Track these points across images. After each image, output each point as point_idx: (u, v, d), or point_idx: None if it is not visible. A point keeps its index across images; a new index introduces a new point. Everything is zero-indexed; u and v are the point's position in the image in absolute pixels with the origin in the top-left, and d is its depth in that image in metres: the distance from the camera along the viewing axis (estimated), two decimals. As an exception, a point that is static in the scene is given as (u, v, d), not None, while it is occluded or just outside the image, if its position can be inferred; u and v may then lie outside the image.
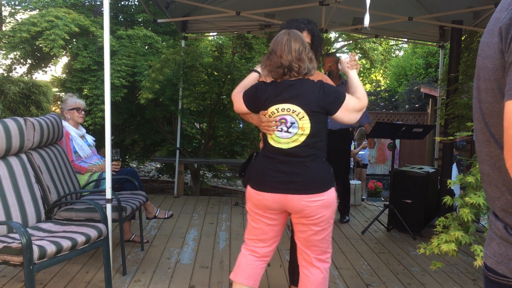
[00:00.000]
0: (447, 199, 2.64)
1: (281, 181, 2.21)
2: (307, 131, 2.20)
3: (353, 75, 2.40)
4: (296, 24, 2.60)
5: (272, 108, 2.24)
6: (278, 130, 2.24)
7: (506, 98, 0.87)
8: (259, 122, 2.31)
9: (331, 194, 2.25)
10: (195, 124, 7.18)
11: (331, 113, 2.26)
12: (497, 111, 0.95)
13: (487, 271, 1.04)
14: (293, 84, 2.22)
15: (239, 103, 2.41)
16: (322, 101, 2.21)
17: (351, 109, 2.27)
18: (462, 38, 5.03)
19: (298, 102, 2.20)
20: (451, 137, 2.97)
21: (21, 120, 3.06)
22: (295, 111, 2.20)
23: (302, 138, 2.21)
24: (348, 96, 2.28)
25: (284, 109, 2.22)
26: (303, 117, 2.19)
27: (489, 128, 0.98)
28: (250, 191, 2.35)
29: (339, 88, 2.38)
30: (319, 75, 2.69)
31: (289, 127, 2.22)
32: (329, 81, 2.64)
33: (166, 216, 4.86)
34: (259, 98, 2.30)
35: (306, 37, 2.53)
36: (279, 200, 2.24)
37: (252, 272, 2.43)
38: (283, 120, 2.23)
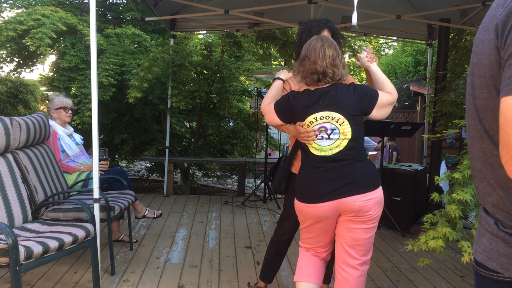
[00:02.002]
0: (435, 195, 2.65)
1: (333, 188, 2.18)
2: (349, 135, 2.19)
3: (375, 69, 2.39)
4: (315, 23, 2.61)
5: (310, 118, 2.21)
6: (319, 139, 2.21)
7: (502, 95, 0.87)
8: (297, 134, 2.28)
9: (381, 191, 2.28)
10: (185, 123, 7.15)
11: (367, 113, 2.26)
12: (491, 108, 0.95)
13: (478, 266, 1.04)
14: (328, 91, 2.20)
15: (271, 115, 2.36)
16: (359, 104, 2.20)
17: (385, 104, 2.27)
18: (450, 36, 5.06)
19: (336, 109, 2.18)
20: (439, 135, 2.99)
21: (7, 119, 3.02)
22: (335, 117, 2.18)
23: (345, 143, 2.19)
24: (380, 92, 2.27)
25: (323, 117, 2.19)
26: (343, 122, 2.18)
27: (483, 124, 0.98)
28: (300, 205, 2.30)
29: None
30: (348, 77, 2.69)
31: (329, 134, 2.20)
32: (352, 79, 2.61)
33: (155, 216, 4.84)
34: (293, 109, 2.26)
35: (327, 34, 2.56)
36: (333, 207, 2.21)
37: (317, 270, 2.43)
38: (323, 128, 2.20)
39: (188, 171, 7.48)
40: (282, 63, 13.49)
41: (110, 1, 7.69)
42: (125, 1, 7.86)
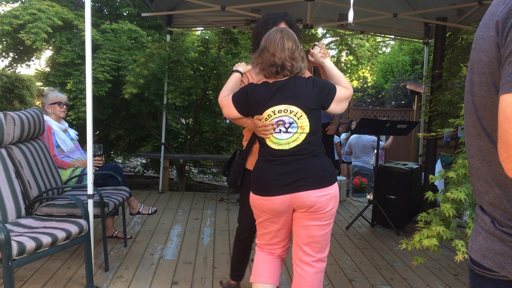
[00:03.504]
0: (429, 194, 2.65)
1: (288, 182, 2.17)
2: (307, 129, 2.17)
3: (329, 65, 2.37)
4: (272, 16, 2.58)
5: (268, 111, 2.18)
6: (277, 132, 2.19)
7: (501, 92, 0.87)
8: (255, 127, 2.24)
9: (336, 188, 2.26)
10: (181, 119, 7.14)
11: (325, 107, 2.24)
12: (490, 105, 0.95)
13: (473, 264, 1.04)
14: (287, 84, 2.17)
15: (229, 108, 2.32)
16: (318, 97, 2.18)
17: (342, 98, 2.26)
18: (447, 35, 5.06)
19: (294, 102, 2.15)
20: (433, 133, 2.99)
21: (0, 114, 3.01)
22: (293, 111, 2.15)
23: (303, 137, 2.17)
24: (337, 86, 2.26)
25: (281, 110, 2.16)
26: (302, 116, 2.15)
27: (481, 122, 0.98)
28: (255, 198, 2.29)
29: None
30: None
31: (287, 127, 2.17)
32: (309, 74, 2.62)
33: (150, 212, 4.84)
34: (251, 102, 2.23)
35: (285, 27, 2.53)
36: (287, 200, 2.19)
37: (273, 269, 2.41)
38: (281, 122, 2.17)
39: (184, 167, 7.47)
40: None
41: (107, -4, 7.65)
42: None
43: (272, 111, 2.18)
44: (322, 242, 2.30)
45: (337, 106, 2.26)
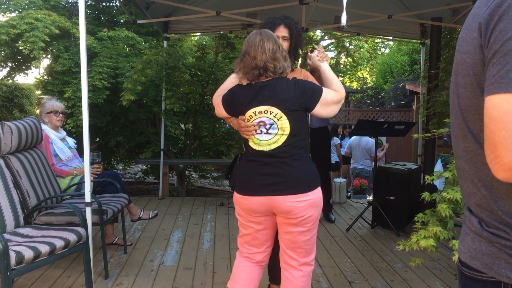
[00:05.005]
0: (425, 195, 2.66)
1: (266, 183, 2.17)
2: (287, 130, 2.16)
3: (325, 68, 2.37)
4: (271, 20, 2.58)
5: (250, 112, 2.20)
6: (258, 133, 2.20)
7: (486, 94, 0.87)
8: (239, 127, 2.28)
9: (317, 194, 2.21)
10: (180, 124, 7.15)
11: (309, 109, 2.21)
12: (475, 106, 0.95)
13: (462, 266, 1.05)
14: (267, 85, 2.17)
15: (219, 108, 2.36)
16: (299, 98, 2.16)
17: (330, 102, 2.23)
18: (442, 35, 5.07)
19: (274, 103, 2.15)
20: (429, 134, 3.00)
21: (-3, 124, 3.03)
22: (272, 112, 2.15)
23: (283, 138, 2.17)
24: (325, 89, 2.24)
25: (261, 111, 2.17)
26: (281, 117, 2.15)
27: (467, 123, 0.99)
28: (236, 196, 2.31)
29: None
30: (301, 72, 2.66)
31: (268, 128, 2.18)
32: (310, 77, 2.61)
33: (150, 216, 4.83)
34: (235, 103, 2.26)
35: (283, 31, 2.53)
36: (265, 202, 2.20)
37: (250, 277, 2.38)
38: (262, 123, 2.18)
39: (184, 173, 7.48)
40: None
41: (104, 3, 7.68)
42: (118, 4, 7.86)
43: (253, 112, 2.19)
44: (306, 247, 2.29)
45: (324, 109, 2.22)
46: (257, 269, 2.41)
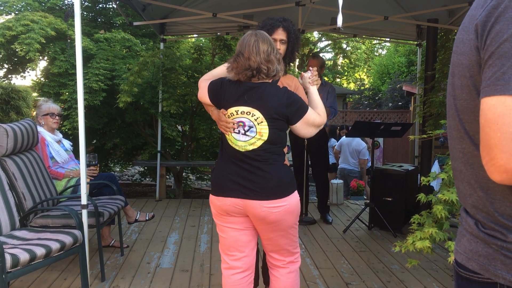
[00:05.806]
0: (421, 196, 2.66)
1: (239, 185, 2.13)
2: (265, 136, 2.12)
3: (313, 91, 2.36)
4: (270, 22, 2.54)
5: (232, 110, 2.16)
6: (236, 132, 2.16)
7: (482, 95, 0.87)
8: (218, 120, 2.23)
9: (293, 199, 2.17)
10: (177, 126, 7.14)
11: (291, 122, 2.18)
12: (471, 108, 0.95)
13: (458, 267, 1.05)
14: (256, 87, 2.14)
15: (203, 92, 2.29)
16: (284, 109, 2.13)
17: (311, 122, 2.21)
18: (438, 37, 5.09)
19: (258, 107, 2.11)
20: (425, 135, 3.00)
21: (-7, 126, 3.02)
22: (255, 115, 2.12)
23: (259, 143, 2.13)
24: (310, 109, 2.22)
25: (244, 112, 2.13)
26: (262, 122, 2.11)
27: (463, 125, 0.99)
28: (211, 196, 2.26)
29: (321, 89, 2.35)
30: (293, 81, 2.63)
31: (246, 130, 2.14)
32: (300, 89, 2.56)
33: (147, 218, 4.81)
34: (221, 95, 2.21)
35: (281, 34, 2.50)
36: (239, 204, 2.15)
37: None
38: (241, 123, 2.15)
39: (181, 174, 7.47)
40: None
41: (100, 5, 7.67)
42: (114, 6, 7.85)
43: (236, 110, 2.15)
44: (289, 247, 2.29)
45: (304, 128, 2.21)
46: (246, 279, 2.32)
